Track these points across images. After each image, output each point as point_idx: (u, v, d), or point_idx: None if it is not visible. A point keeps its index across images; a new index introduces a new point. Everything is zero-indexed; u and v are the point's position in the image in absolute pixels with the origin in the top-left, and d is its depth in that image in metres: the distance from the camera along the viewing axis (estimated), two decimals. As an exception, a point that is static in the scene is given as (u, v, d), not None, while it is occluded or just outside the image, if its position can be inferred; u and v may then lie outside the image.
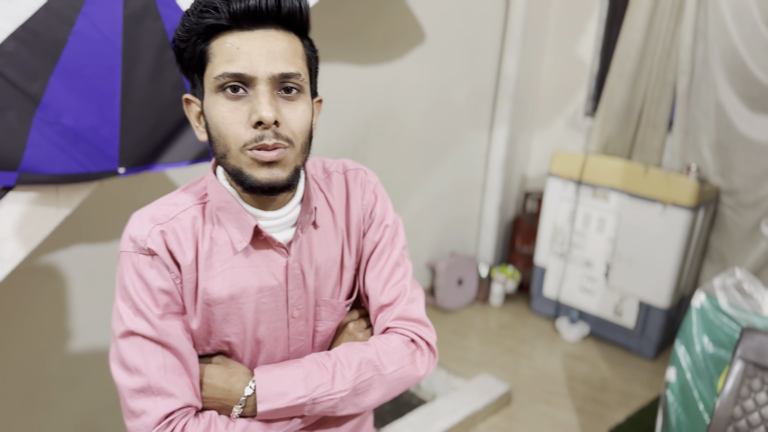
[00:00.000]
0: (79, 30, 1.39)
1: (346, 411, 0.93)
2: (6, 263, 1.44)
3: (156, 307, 0.87)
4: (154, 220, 0.89)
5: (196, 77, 0.86)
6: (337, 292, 1.01)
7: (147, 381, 0.85)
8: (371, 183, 1.03)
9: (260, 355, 0.96)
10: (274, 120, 0.80)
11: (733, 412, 1.70)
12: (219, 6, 0.78)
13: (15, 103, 1.35)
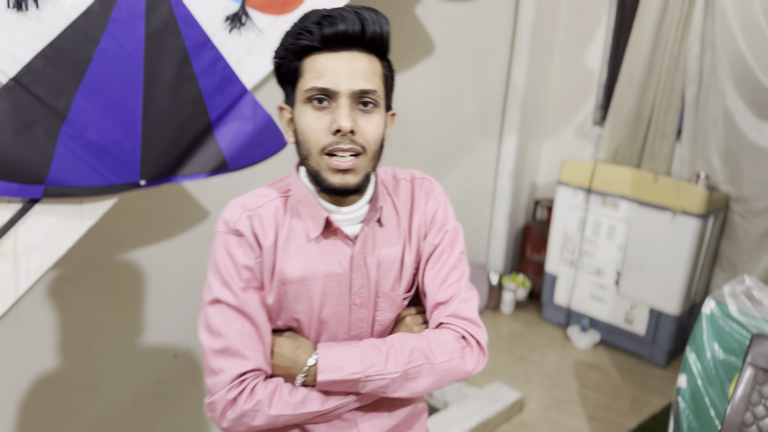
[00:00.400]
0: (104, 48, 1.44)
1: (396, 393, 1.01)
2: (33, 273, 1.49)
3: (240, 281, 1.00)
4: (244, 207, 1.03)
5: (289, 89, 1.00)
6: (396, 286, 1.10)
7: (227, 343, 0.99)
8: (435, 191, 1.14)
9: (323, 335, 1.07)
10: (350, 129, 0.93)
11: (744, 418, 1.72)
12: (313, 30, 0.93)
13: (42, 118, 1.40)
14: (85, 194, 1.49)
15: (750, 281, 1.90)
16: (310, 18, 0.94)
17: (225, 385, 0.98)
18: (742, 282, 1.92)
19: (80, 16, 1.40)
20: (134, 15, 1.47)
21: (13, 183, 1.39)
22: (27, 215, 1.45)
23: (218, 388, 0.99)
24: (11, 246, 1.45)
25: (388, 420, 1.12)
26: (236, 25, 1.65)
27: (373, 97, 0.96)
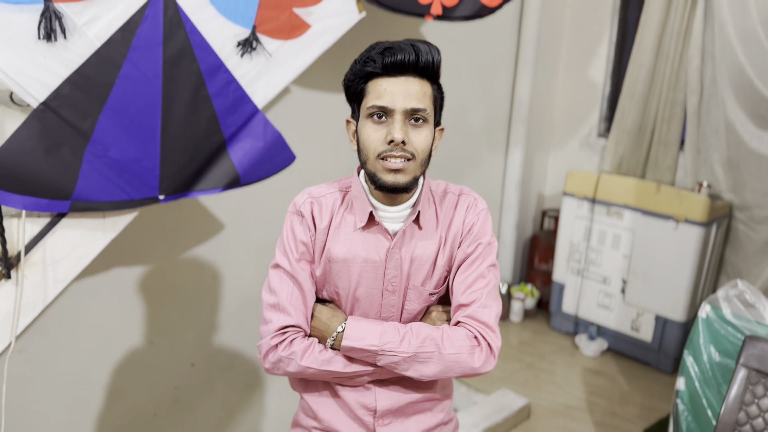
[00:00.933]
0: (125, 73, 1.56)
1: (407, 372, 1.17)
2: (60, 282, 1.60)
3: (296, 252, 1.21)
4: (310, 194, 1.24)
5: (355, 106, 1.20)
6: (426, 282, 1.25)
7: (278, 300, 1.20)
8: (478, 208, 1.27)
9: (357, 311, 1.25)
10: (402, 140, 1.11)
11: (738, 417, 1.77)
12: (376, 59, 1.12)
13: (69, 139, 1.52)
14: (108, 208, 1.61)
15: (743, 285, 1.96)
16: (375, 49, 1.14)
17: (271, 332, 1.18)
18: (735, 286, 1.98)
19: (103, 44, 1.53)
20: (153, 43, 1.59)
21: (42, 198, 1.51)
22: (55, 228, 1.57)
23: (265, 334, 1.19)
24: (40, 257, 1.56)
25: (404, 396, 1.26)
26: (247, 49, 1.77)
27: (423, 114, 1.13)
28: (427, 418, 1.30)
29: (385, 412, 1.25)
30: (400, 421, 1.27)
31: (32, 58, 1.44)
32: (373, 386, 1.25)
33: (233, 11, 1.72)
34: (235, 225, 2.69)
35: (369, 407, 1.25)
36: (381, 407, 1.25)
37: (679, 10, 3.25)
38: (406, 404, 1.26)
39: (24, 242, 1.52)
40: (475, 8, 2.24)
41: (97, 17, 1.50)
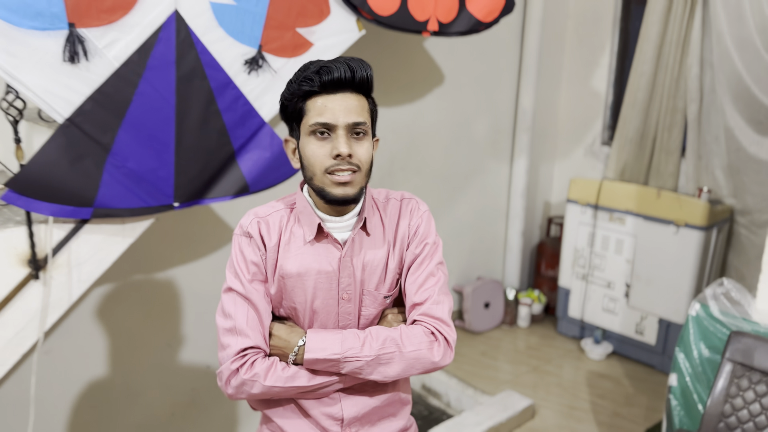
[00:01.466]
0: (141, 91, 1.70)
1: (371, 376, 1.20)
2: (83, 283, 1.74)
3: (248, 273, 1.22)
4: (256, 214, 1.27)
5: (294, 125, 1.22)
6: (380, 287, 1.29)
7: (234, 324, 1.20)
8: (420, 210, 1.33)
9: (315, 323, 1.27)
10: (348, 153, 1.15)
11: (724, 409, 1.85)
12: (313, 78, 1.15)
13: (91, 151, 1.66)
14: (127, 215, 1.75)
15: (729, 284, 2.04)
16: (310, 69, 1.16)
17: (230, 357, 1.18)
18: (721, 284, 2.06)
19: (122, 65, 1.67)
20: (166, 62, 1.73)
21: (67, 206, 1.65)
22: (78, 233, 1.71)
23: (225, 360, 1.20)
24: (66, 260, 1.70)
25: (368, 402, 1.29)
26: (254, 67, 1.90)
27: (363, 128, 1.18)
28: (391, 424, 1.34)
29: (351, 420, 1.28)
30: (366, 428, 1.30)
31: (58, 78, 1.58)
32: (338, 395, 1.27)
33: (240, 32, 1.86)
34: (248, 233, 2.82)
35: (336, 417, 1.27)
36: (347, 415, 1.28)
37: (678, 21, 3.34)
38: (372, 410, 1.30)
39: (51, 246, 1.66)
40: (470, 24, 2.37)
41: (116, 40, 1.65)
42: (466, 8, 2.36)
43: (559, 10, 3.89)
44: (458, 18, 2.34)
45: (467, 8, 2.36)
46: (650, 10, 3.42)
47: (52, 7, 1.53)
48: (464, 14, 2.36)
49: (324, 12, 2.04)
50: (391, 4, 2.17)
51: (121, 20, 1.64)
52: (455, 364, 3.42)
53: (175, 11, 1.71)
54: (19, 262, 1.64)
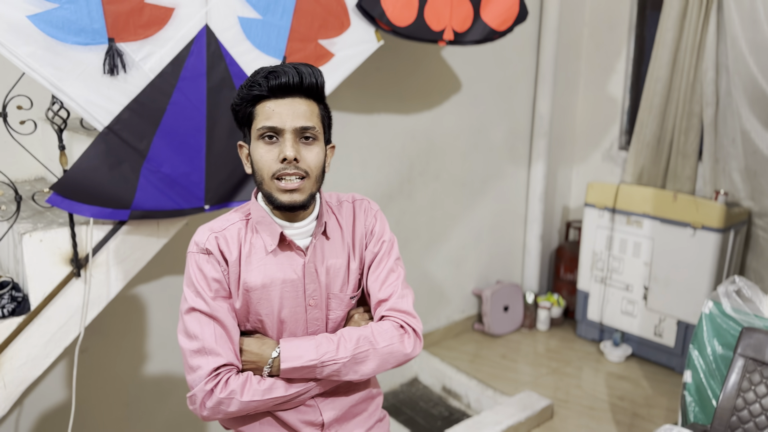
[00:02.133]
0: (175, 100, 1.82)
1: (348, 376, 1.22)
2: (121, 281, 1.86)
3: (210, 291, 1.20)
4: (211, 230, 1.24)
5: (246, 130, 1.23)
6: (344, 288, 1.31)
7: (202, 344, 1.18)
8: (372, 210, 1.36)
9: (284, 333, 1.27)
10: (294, 157, 1.15)
11: (736, 403, 1.89)
12: (262, 83, 1.16)
13: (128, 157, 1.78)
14: (162, 217, 1.86)
15: (741, 281, 2.08)
16: (259, 74, 1.17)
17: (203, 378, 1.16)
18: (733, 282, 2.10)
19: (157, 76, 1.79)
20: (198, 74, 1.85)
21: (106, 208, 1.77)
22: (116, 234, 1.83)
23: (197, 382, 1.16)
24: (105, 259, 1.82)
25: (345, 402, 1.32)
26: (279, 76, 2.01)
27: (312, 132, 1.18)
28: (366, 418, 1.37)
29: (331, 422, 1.30)
30: (345, 427, 1.32)
31: (98, 89, 1.70)
32: (315, 401, 1.28)
33: (266, 44, 1.97)
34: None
35: (315, 423, 1.28)
36: (327, 418, 1.29)
37: (693, 26, 3.38)
38: (348, 409, 1.32)
39: (92, 246, 1.78)
40: (484, 33, 2.45)
41: (152, 53, 1.77)
42: (480, 18, 2.45)
43: (575, 18, 3.96)
44: (473, 27, 2.43)
45: (482, 18, 2.45)
46: (665, 16, 3.48)
47: (93, 24, 1.65)
48: (479, 23, 2.45)
49: (344, 24, 2.15)
50: (408, 15, 2.27)
51: (156, 35, 1.76)
52: (475, 366, 3.48)
53: (205, 25, 1.83)
54: (62, 261, 1.76)
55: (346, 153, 3.04)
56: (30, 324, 1.72)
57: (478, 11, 2.44)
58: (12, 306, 1.71)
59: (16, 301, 1.73)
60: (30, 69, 1.59)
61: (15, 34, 1.54)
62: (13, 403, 1.76)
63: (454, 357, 3.58)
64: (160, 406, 2.76)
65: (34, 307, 1.72)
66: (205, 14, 1.83)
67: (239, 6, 1.89)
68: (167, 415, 2.79)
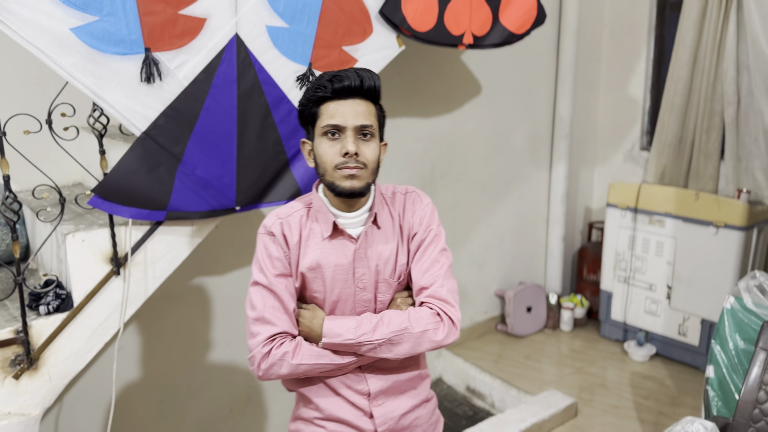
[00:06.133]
0: (207, 106, 1.91)
1: (384, 354, 1.34)
2: (157, 279, 1.94)
3: (272, 268, 1.37)
4: (278, 216, 1.41)
5: (309, 128, 1.38)
6: (392, 274, 1.42)
7: (261, 314, 1.35)
8: (423, 202, 1.47)
9: (336, 310, 1.41)
10: (354, 152, 1.30)
11: (758, 396, 1.91)
12: (326, 86, 1.31)
13: (164, 161, 1.87)
14: (196, 217, 1.95)
15: (761, 276, 2.10)
16: (324, 77, 1.33)
17: (260, 343, 1.33)
18: (754, 277, 2.12)
19: (190, 84, 1.88)
20: (229, 81, 1.93)
21: (144, 209, 1.85)
22: (153, 234, 1.92)
23: (255, 345, 1.34)
24: (142, 258, 1.91)
25: (392, 377, 1.43)
26: (305, 83, 2.09)
27: (370, 130, 1.33)
28: (413, 396, 1.47)
29: (377, 393, 1.42)
30: (391, 400, 1.44)
31: (136, 96, 1.79)
32: (363, 373, 1.41)
33: (293, 52, 2.05)
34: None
35: (363, 392, 1.41)
36: (374, 389, 1.41)
37: (712, 25, 3.40)
38: (394, 384, 1.44)
39: (130, 245, 1.87)
40: (503, 36, 2.51)
41: (185, 62, 1.86)
42: (499, 21, 2.50)
43: (595, 20, 4.00)
44: (492, 31, 2.49)
45: (500, 21, 2.51)
46: (685, 16, 3.50)
47: (131, 35, 1.74)
48: (497, 27, 2.51)
49: (367, 31, 2.22)
50: (428, 20, 2.33)
51: (189, 44, 1.85)
52: (499, 366, 3.52)
53: (235, 35, 1.92)
54: (103, 260, 1.85)
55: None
56: (73, 320, 1.81)
57: (497, 15, 2.50)
58: (56, 303, 1.80)
59: (60, 298, 1.82)
60: (73, 78, 1.68)
61: (59, 45, 1.64)
62: (58, 395, 1.85)
63: (477, 357, 3.62)
64: (192, 405, 2.85)
65: (77, 304, 1.81)
66: (235, 24, 1.92)
67: (267, 15, 1.98)
68: (199, 413, 2.87)
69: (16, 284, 1.67)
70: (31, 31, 1.60)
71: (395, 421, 1.43)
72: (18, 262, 1.68)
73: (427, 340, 1.34)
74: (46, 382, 1.78)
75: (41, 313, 1.78)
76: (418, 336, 1.34)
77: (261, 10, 1.96)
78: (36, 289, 1.80)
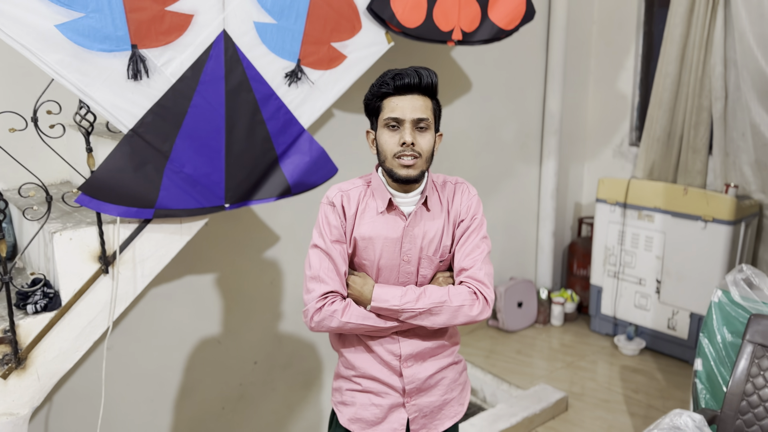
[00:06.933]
0: (195, 103, 1.90)
1: (423, 323, 1.49)
2: (146, 277, 1.94)
3: (330, 234, 1.51)
4: (339, 189, 1.55)
5: (373, 119, 1.52)
6: (436, 252, 1.55)
7: (317, 273, 1.50)
8: (470, 193, 1.60)
9: (381, 277, 1.56)
10: (411, 142, 1.43)
11: (745, 388, 1.93)
12: (389, 83, 1.45)
13: (152, 158, 1.86)
14: (184, 215, 1.94)
15: (748, 270, 2.12)
16: (388, 75, 1.47)
17: (314, 299, 1.48)
18: (741, 270, 2.14)
19: (178, 80, 1.87)
20: (216, 78, 1.93)
21: (132, 207, 1.85)
22: (142, 232, 1.91)
23: (310, 300, 1.49)
24: (131, 256, 1.90)
25: (423, 344, 1.56)
26: (294, 80, 2.09)
27: (426, 123, 1.46)
28: (439, 360, 1.61)
29: (407, 356, 1.56)
30: (419, 363, 1.58)
31: (123, 93, 1.79)
32: (398, 337, 1.56)
33: (281, 48, 2.05)
34: (289, 236, 3.01)
35: (395, 353, 1.56)
36: (405, 352, 1.56)
37: (700, 21, 3.42)
38: (424, 349, 1.58)
39: (119, 243, 1.86)
40: (492, 32, 2.51)
41: (172, 59, 1.85)
42: (488, 17, 2.51)
43: (584, 16, 4.01)
44: (481, 27, 2.49)
45: (489, 17, 2.51)
46: (673, 12, 3.51)
47: (117, 32, 1.73)
48: (486, 23, 2.51)
49: (356, 27, 2.22)
50: (417, 16, 2.33)
51: (176, 41, 1.84)
52: (490, 361, 3.53)
53: (223, 31, 1.91)
54: (91, 258, 1.84)
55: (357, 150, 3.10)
56: (61, 319, 1.80)
57: (486, 11, 2.50)
58: (44, 302, 1.79)
59: (48, 297, 1.81)
60: (58, 75, 1.67)
61: (44, 42, 1.63)
62: (46, 394, 1.84)
63: (469, 353, 3.63)
64: (184, 403, 2.84)
65: (65, 302, 1.80)
66: (223, 20, 1.91)
67: (255, 11, 1.97)
68: (191, 411, 2.87)
69: (3, 283, 1.66)
70: (16, 27, 1.59)
71: (421, 381, 1.57)
72: (5, 260, 1.67)
73: (463, 314, 1.48)
74: (35, 382, 1.77)
75: (29, 312, 1.77)
76: (456, 309, 1.48)
77: (248, 6, 1.96)
78: (23, 288, 1.79)
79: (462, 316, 1.49)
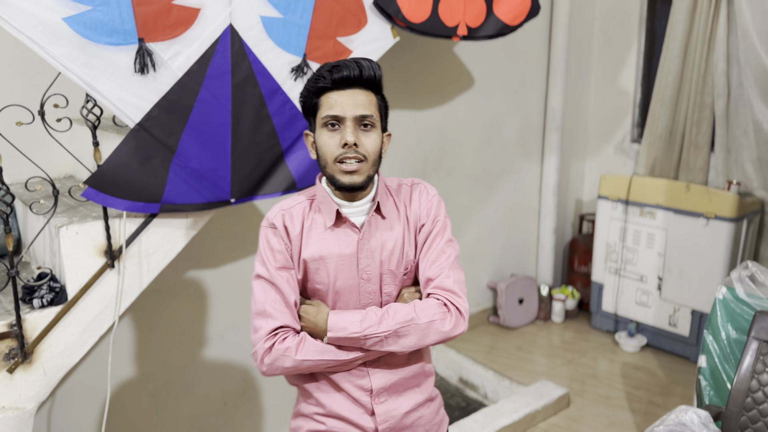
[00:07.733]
0: (202, 98, 1.89)
1: (390, 348, 1.30)
2: (152, 272, 1.93)
3: (274, 261, 1.34)
4: (280, 208, 1.38)
5: (311, 119, 1.35)
6: (398, 265, 1.39)
7: (263, 307, 1.32)
8: (429, 193, 1.44)
9: (339, 302, 1.38)
10: (354, 142, 1.27)
11: (750, 385, 1.94)
12: (326, 76, 1.29)
13: (158, 152, 1.85)
14: (190, 210, 1.93)
15: (753, 266, 2.12)
16: (324, 68, 1.31)
17: (262, 337, 1.30)
18: (746, 267, 2.14)
19: (184, 75, 1.86)
20: (223, 72, 1.92)
21: (138, 202, 1.84)
22: (148, 227, 1.90)
23: (258, 340, 1.31)
24: (137, 250, 1.89)
25: (396, 373, 1.39)
26: (299, 74, 2.08)
27: (370, 120, 1.30)
28: (416, 394, 1.43)
29: (380, 390, 1.38)
30: (394, 398, 1.40)
31: (129, 87, 1.78)
32: (367, 368, 1.37)
33: (287, 42, 2.04)
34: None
35: (365, 388, 1.37)
36: (376, 386, 1.37)
37: (703, 18, 3.42)
38: (398, 381, 1.40)
39: (125, 238, 1.85)
40: (497, 28, 2.51)
41: (179, 53, 1.84)
42: (493, 13, 2.50)
43: (586, 13, 4.01)
44: (486, 22, 2.49)
45: (494, 13, 2.50)
46: (675, 9, 3.51)
47: (124, 25, 1.72)
48: (492, 18, 2.50)
49: (362, 22, 2.21)
50: (422, 11, 2.33)
51: (183, 35, 1.83)
52: (491, 358, 3.54)
53: (229, 25, 1.90)
54: (97, 252, 1.83)
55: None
56: (67, 313, 1.79)
57: (491, 6, 2.49)
58: (50, 296, 1.79)
59: (54, 291, 1.80)
60: (65, 69, 1.66)
61: (51, 35, 1.62)
62: (52, 389, 1.83)
63: (470, 349, 3.63)
64: (186, 398, 2.84)
65: (71, 297, 1.79)
66: (229, 14, 1.90)
67: (261, 6, 1.96)
68: (193, 406, 2.87)
69: (10, 277, 1.66)
70: (23, 20, 1.57)
71: (397, 420, 1.40)
72: (11, 255, 1.66)
73: (435, 331, 1.30)
74: (41, 376, 1.77)
75: (35, 306, 1.76)
76: (425, 327, 1.30)
77: (255, 0, 1.95)
78: (29, 282, 1.79)
79: (434, 334, 1.30)
